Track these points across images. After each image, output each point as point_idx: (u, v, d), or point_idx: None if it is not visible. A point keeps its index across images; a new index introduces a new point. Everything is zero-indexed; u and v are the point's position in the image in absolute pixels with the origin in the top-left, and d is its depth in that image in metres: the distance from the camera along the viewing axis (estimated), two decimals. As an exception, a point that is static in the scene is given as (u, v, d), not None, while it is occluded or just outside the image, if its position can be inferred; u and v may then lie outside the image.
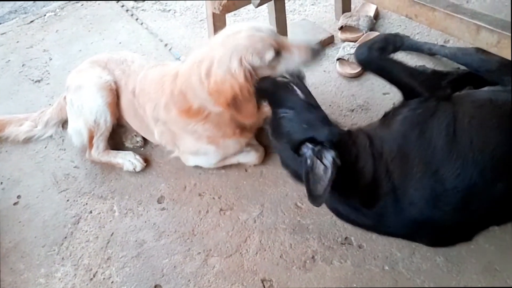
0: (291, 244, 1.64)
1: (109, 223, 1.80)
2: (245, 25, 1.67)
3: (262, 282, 1.55)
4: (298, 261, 1.58)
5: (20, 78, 2.63)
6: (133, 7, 3.10)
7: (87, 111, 1.94)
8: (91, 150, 2.00)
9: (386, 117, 1.62)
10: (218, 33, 1.72)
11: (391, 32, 2.43)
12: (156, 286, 1.58)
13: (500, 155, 1.38)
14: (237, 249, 1.65)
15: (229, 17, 2.43)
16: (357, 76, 2.23)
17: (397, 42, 1.74)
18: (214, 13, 2.10)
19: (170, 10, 3.06)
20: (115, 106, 2.00)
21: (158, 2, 3.14)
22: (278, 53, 1.59)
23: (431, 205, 1.38)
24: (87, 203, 1.89)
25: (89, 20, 3.07)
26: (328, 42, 2.49)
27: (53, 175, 2.02)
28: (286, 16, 2.41)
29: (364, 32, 2.44)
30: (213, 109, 1.70)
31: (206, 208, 1.80)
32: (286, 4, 2.42)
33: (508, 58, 1.30)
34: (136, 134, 2.10)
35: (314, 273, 1.54)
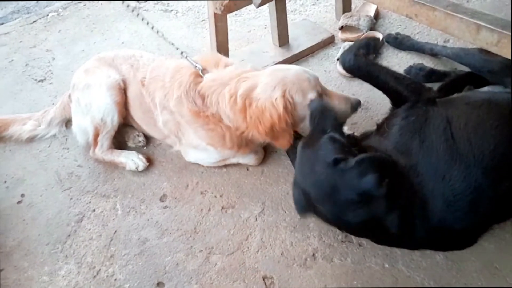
0: (292, 242, 1.65)
1: (112, 221, 1.82)
2: (295, 66, 1.77)
3: (264, 280, 1.56)
4: (299, 258, 1.60)
5: (23, 77, 2.65)
6: (135, 8, 3.12)
7: (95, 109, 1.96)
8: (95, 148, 2.01)
9: (379, 129, 1.62)
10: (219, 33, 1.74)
11: (391, 32, 2.44)
12: (158, 284, 1.60)
13: (502, 154, 1.38)
14: (239, 247, 1.66)
15: (231, 17, 2.44)
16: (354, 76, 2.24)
17: (378, 43, 1.85)
18: (215, 13, 2.12)
19: (172, 10, 3.07)
20: (123, 106, 2.01)
21: (160, 2, 3.16)
22: (320, 97, 1.66)
23: (445, 211, 1.38)
24: (90, 202, 1.90)
25: (91, 20, 3.09)
26: (329, 42, 2.50)
27: (56, 174, 2.04)
28: (287, 16, 2.42)
29: (365, 32, 2.45)
30: (227, 122, 1.74)
31: (208, 206, 1.82)
32: (287, 4, 2.44)
33: (508, 58, 1.31)
34: (138, 134, 2.11)
35: (314, 270, 1.56)
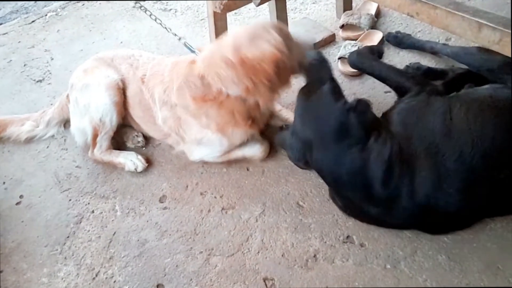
0: (293, 243, 1.64)
1: (111, 223, 1.81)
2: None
3: (264, 281, 1.55)
4: (300, 260, 1.58)
5: (21, 78, 2.64)
6: (134, 7, 3.10)
7: (93, 109, 1.94)
8: (94, 149, 2.00)
9: (384, 116, 1.67)
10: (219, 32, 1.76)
11: (392, 30, 2.43)
12: (158, 285, 1.59)
13: (501, 144, 1.40)
14: (239, 248, 1.65)
15: (230, 16, 2.43)
16: (358, 74, 2.23)
17: (380, 49, 1.99)
18: (215, 12, 2.10)
19: (171, 9, 3.06)
20: (122, 106, 2.00)
21: (159, 2, 3.14)
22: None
23: (436, 186, 1.41)
24: (89, 203, 1.89)
25: (90, 20, 3.07)
26: (330, 40, 2.49)
27: (55, 175, 2.02)
28: (287, 14, 2.41)
29: (366, 30, 2.44)
30: (235, 90, 1.69)
31: (208, 207, 1.81)
32: (287, 3, 2.42)
33: (509, 56, 1.30)
34: (137, 134, 2.10)
35: (316, 271, 1.54)
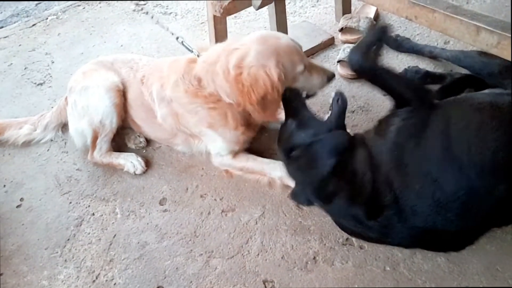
0: (292, 245, 1.64)
1: (111, 225, 1.81)
2: (284, 35, 1.79)
3: (264, 283, 1.55)
4: (300, 262, 1.59)
5: (22, 81, 2.65)
6: (134, 10, 3.12)
7: (93, 111, 1.95)
8: (94, 151, 2.01)
9: (380, 125, 1.62)
10: (220, 36, 1.75)
11: (391, 34, 2.42)
12: (158, 288, 1.60)
13: (501, 157, 1.36)
14: (239, 250, 1.66)
15: (230, 19, 2.44)
16: (357, 77, 2.24)
17: (381, 34, 1.72)
18: (215, 16, 2.11)
19: (171, 13, 3.07)
20: (122, 108, 2.00)
21: (160, 5, 3.15)
22: (305, 68, 1.68)
23: (434, 213, 1.38)
24: (89, 206, 1.90)
25: (90, 23, 3.09)
26: (329, 43, 2.50)
27: (55, 178, 2.03)
28: (287, 18, 2.42)
29: (364, 34, 2.44)
30: (226, 99, 1.71)
31: (208, 209, 1.81)
32: (287, 6, 2.43)
33: (508, 60, 1.30)
34: (139, 135, 2.10)
35: (315, 274, 1.55)
